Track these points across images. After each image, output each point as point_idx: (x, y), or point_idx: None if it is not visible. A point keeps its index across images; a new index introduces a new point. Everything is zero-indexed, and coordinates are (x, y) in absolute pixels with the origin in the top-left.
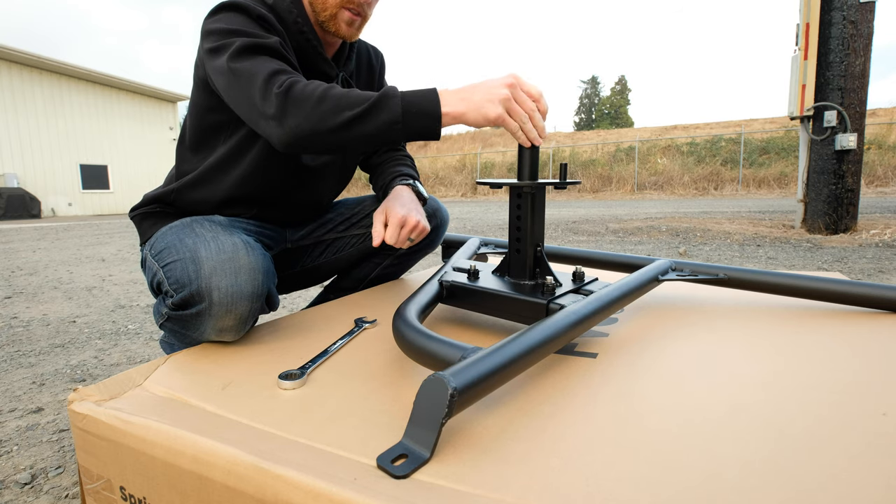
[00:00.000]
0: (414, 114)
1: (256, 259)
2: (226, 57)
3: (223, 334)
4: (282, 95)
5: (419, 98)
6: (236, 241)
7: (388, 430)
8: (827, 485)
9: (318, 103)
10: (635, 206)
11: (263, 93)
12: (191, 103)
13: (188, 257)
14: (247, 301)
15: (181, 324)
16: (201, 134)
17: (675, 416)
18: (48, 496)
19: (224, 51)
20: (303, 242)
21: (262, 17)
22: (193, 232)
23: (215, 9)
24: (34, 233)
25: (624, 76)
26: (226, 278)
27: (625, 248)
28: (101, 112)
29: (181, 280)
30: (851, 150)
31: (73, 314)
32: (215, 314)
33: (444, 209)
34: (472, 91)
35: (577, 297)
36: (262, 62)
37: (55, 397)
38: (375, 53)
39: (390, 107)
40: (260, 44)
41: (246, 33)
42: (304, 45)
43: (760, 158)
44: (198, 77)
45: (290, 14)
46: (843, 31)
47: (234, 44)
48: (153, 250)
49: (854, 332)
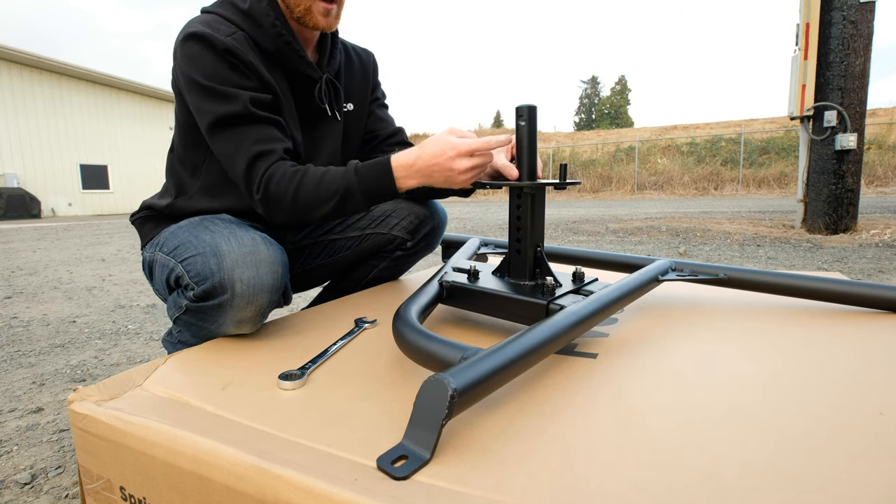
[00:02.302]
0: (375, 197)
1: (276, 253)
2: (204, 126)
3: (241, 325)
4: (262, 198)
5: (376, 182)
6: (255, 236)
7: (389, 430)
8: (826, 485)
9: (293, 204)
10: (635, 206)
11: (246, 185)
12: (175, 116)
13: (209, 251)
14: (267, 293)
15: (200, 316)
16: (188, 148)
17: (675, 416)
18: (48, 496)
19: (201, 115)
20: (301, 244)
21: (228, 49)
22: (207, 229)
23: (185, 37)
24: (34, 233)
25: (624, 76)
26: (248, 270)
27: (625, 248)
28: (101, 112)
29: (203, 273)
30: (851, 150)
31: (73, 314)
32: (237, 305)
33: (442, 210)
34: (431, 172)
35: (577, 297)
36: (237, 142)
37: (55, 397)
38: (367, 55)
39: (354, 199)
40: (231, 115)
41: (214, 93)
42: (285, 49)
43: (760, 158)
44: (176, 92)
45: (267, 17)
46: (843, 31)
47: (208, 113)
48: (165, 248)
49: (854, 332)
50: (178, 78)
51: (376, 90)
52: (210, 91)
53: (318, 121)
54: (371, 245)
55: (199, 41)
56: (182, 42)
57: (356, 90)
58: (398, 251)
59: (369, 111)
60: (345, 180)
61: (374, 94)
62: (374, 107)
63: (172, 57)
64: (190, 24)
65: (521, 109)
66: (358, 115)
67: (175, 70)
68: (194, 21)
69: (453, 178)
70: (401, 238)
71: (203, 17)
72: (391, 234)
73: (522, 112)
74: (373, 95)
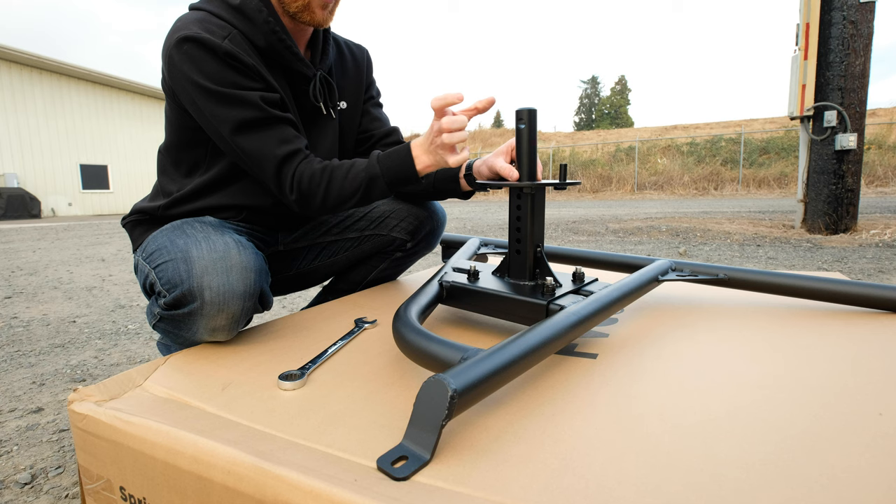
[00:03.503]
0: (398, 181)
1: (248, 258)
2: (224, 132)
3: (216, 334)
4: (297, 199)
5: (399, 167)
6: (227, 241)
7: (389, 431)
8: (826, 485)
9: (325, 199)
10: (635, 206)
11: (278, 186)
12: (166, 117)
13: (179, 257)
14: (239, 300)
15: (174, 324)
16: (180, 148)
17: (675, 417)
18: (48, 496)
19: (217, 121)
20: (296, 245)
21: (229, 53)
22: (184, 233)
23: (180, 39)
24: (34, 233)
25: (624, 76)
26: (217, 277)
27: (625, 249)
28: (101, 112)
29: (173, 280)
30: (851, 150)
31: (73, 314)
32: (207, 313)
33: (441, 210)
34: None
35: (577, 297)
36: (259, 145)
37: (55, 397)
38: (360, 51)
39: (379, 186)
40: (251, 119)
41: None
42: (278, 46)
43: (760, 158)
44: (169, 94)
45: (259, 14)
46: (843, 31)
47: (227, 119)
48: (145, 253)
49: (854, 332)
50: (177, 81)
51: (371, 88)
52: (222, 96)
53: (313, 119)
54: (370, 246)
55: (196, 45)
56: (177, 45)
57: (350, 88)
58: (398, 252)
59: (364, 110)
60: (369, 171)
61: (368, 93)
62: (369, 105)
63: (165, 59)
64: (182, 25)
65: (521, 113)
66: (352, 113)
67: (171, 73)
68: (186, 21)
69: (446, 147)
70: (400, 239)
71: (193, 15)
72: (391, 235)
73: (522, 115)
74: (367, 94)
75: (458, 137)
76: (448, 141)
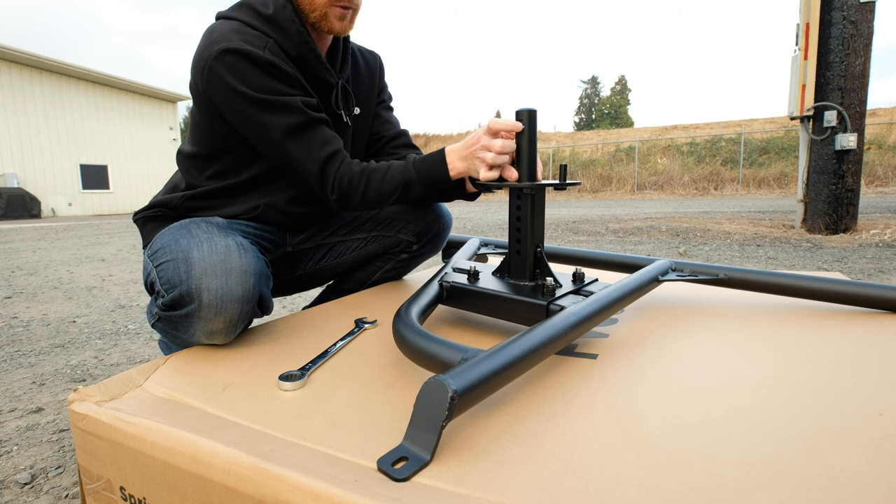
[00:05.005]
0: (431, 183)
1: (248, 261)
2: (273, 138)
3: (213, 337)
4: (337, 198)
5: (432, 170)
6: (229, 243)
7: (389, 432)
8: (826, 485)
9: (363, 199)
10: (635, 206)
11: (321, 186)
12: (195, 124)
13: (181, 258)
14: (237, 304)
15: (171, 325)
16: (209, 156)
17: (675, 417)
18: (48, 496)
19: (264, 127)
20: (304, 246)
21: (270, 63)
22: (189, 233)
23: (222, 51)
24: (34, 233)
25: (624, 76)
26: (216, 280)
27: (625, 249)
28: (101, 112)
29: (172, 280)
30: (851, 150)
31: (73, 314)
32: (204, 316)
33: (447, 213)
34: (469, 156)
35: (578, 298)
36: (304, 148)
37: (55, 397)
38: (373, 57)
39: (414, 188)
40: (297, 124)
41: (272, 105)
42: (308, 55)
43: (760, 158)
44: (202, 102)
45: (292, 24)
46: (843, 31)
47: (275, 125)
48: (150, 250)
49: (854, 332)
50: (218, 92)
51: (382, 92)
52: (268, 104)
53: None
54: (376, 247)
55: (239, 56)
56: (218, 57)
57: (363, 93)
58: (403, 253)
59: (375, 112)
60: (405, 174)
61: (380, 97)
62: (380, 108)
63: (202, 69)
64: (220, 36)
65: (521, 113)
66: (364, 117)
67: (210, 83)
68: (223, 33)
69: (485, 162)
70: (407, 241)
71: (228, 25)
72: (398, 236)
73: (522, 116)
74: (379, 97)
75: (501, 161)
76: (492, 161)
